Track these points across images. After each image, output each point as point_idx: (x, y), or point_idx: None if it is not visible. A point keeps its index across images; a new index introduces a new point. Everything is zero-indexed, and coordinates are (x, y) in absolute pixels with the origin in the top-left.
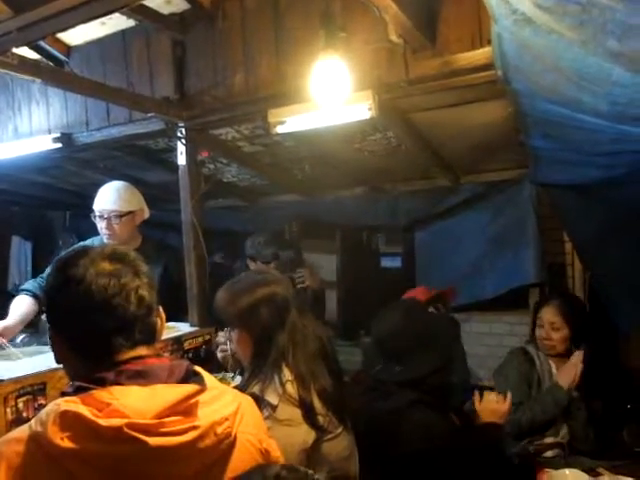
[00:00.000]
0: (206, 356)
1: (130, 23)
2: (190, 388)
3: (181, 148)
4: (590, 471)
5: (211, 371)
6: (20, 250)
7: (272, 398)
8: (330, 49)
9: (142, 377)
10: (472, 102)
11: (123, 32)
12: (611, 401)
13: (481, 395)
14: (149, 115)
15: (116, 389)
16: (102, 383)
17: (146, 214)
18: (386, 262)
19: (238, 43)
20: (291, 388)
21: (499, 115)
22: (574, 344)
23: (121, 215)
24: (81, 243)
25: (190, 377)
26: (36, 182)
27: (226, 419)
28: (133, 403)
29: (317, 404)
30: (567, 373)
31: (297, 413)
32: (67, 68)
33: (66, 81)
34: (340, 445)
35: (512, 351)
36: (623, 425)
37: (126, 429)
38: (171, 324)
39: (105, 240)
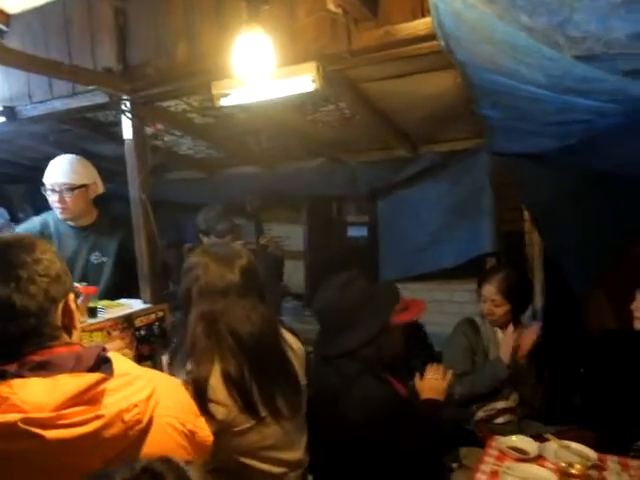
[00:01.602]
0: (160, 333)
1: None
2: (94, 377)
3: (126, 122)
4: (538, 437)
5: (167, 348)
6: None
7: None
8: (253, 22)
9: (44, 368)
10: (421, 72)
11: (63, 0)
12: (564, 366)
13: (422, 372)
14: (91, 88)
15: (16, 382)
16: (2, 376)
17: (100, 188)
18: (353, 232)
19: (180, 11)
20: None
21: (450, 85)
22: (517, 315)
23: (73, 188)
24: (34, 218)
25: (101, 364)
26: None
27: (135, 405)
28: (32, 396)
29: (218, 391)
30: (507, 345)
31: None
32: (4, 38)
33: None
34: (254, 437)
35: (460, 322)
36: (575, 389)
37: (21, 424)
38: (123, 301)
39: (58, 215)
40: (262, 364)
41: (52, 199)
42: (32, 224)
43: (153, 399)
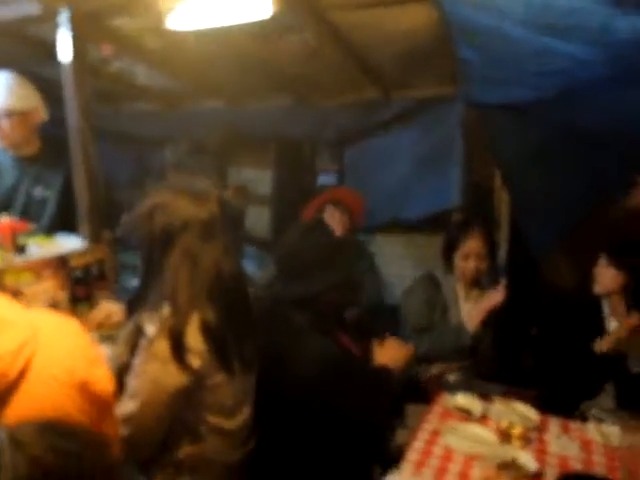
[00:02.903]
0: (99, 275)
1: None
2: None
3: (64, 39)
4: (484, 396)
5: (107, 287)
6: None
7: (150, 328)
8: None
9: None
10: (394, 3)
11: None
12: (518, 326)
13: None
14: None
15: None
16: None
17: (44, 115)
18: (322, 179)
19: None
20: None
21: (424, 21)
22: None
23: (11, 114)
24: None
25: None
26: None
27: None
28: None
29: (194, 340)
30: (478, 313)
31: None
32: None
33: None
34: (222, 394)
35: (419, 277)
36: (527, 351)
37: None
38: (60, 239)
39: None
40: (236, 312)
41: None
42: None
43: (28, 348)
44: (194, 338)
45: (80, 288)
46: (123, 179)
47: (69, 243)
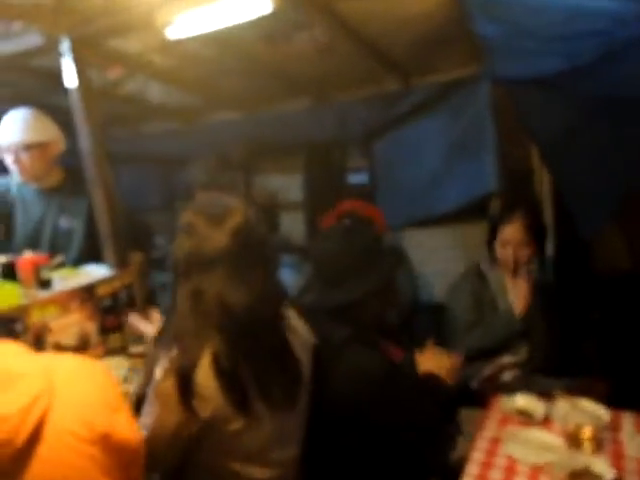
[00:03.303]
0: (128, 301)
1: None
2: None
3: (68, 67)
4: (545, 394)
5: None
6: None
7: (159, 371)
8: None
9: None
10: None
11: None
12: (576, 312)
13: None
14: (20, 28)
15: None
16: None
17: (62, 145)
18: (354, 178)
19: None
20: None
21: (437, 1)
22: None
23: (29, 147)
24: None
25: None
26: None
27: (5, 420)
28: None
29: (205, 380)
30: (521, 294)
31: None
32: None
33: None
34: (246, 440)
35: (465, 271)
36: (588, 337)
37: None
38: (87, 268)
39: (17, 177)
40: (258, 346)
41: (8, 160)
42: None
43: (41, 402)
44: (206, 381)
45: (110, 318)
46: (153, 200)
47: (95, 272)
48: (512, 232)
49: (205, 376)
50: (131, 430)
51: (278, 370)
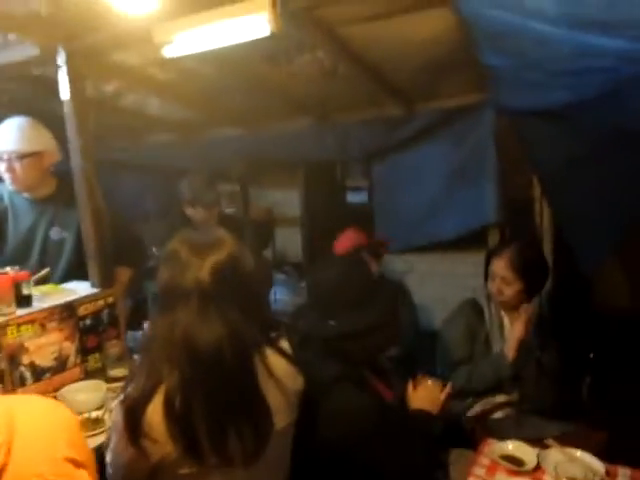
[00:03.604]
0: (110, 321)
1: None
2: None
3: (63, 78)
4: (538, 441)
5: (118, 336)
6: None
7: (115, 402)
8: None
9: None
10: (408, 12)
11: None
12: (572, 351)
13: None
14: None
15: None
16: None
17: (57, 155)
18: (353, 197)
19: None
20: None
21: (442, 28)
22: (529, 296)
23: (23, 156)
24: None
25: None
26: None
27: None
28: None
29: (155, 425)
30: (514, 338)
31: None
32: None
33: None
34: None
35: (462, 302)
36: (584, 377)
37: None
38: (70, 285)
39: (9, 185)
40: (218, 392)
41: (1, 169)
42: None
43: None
44: (155, 423)
45: (91, 337)
46: (151, 208)
47: (78, 289)
48: (499, 267)
49: (155, 417)
50: (88, 454)
51: (242, 420)
